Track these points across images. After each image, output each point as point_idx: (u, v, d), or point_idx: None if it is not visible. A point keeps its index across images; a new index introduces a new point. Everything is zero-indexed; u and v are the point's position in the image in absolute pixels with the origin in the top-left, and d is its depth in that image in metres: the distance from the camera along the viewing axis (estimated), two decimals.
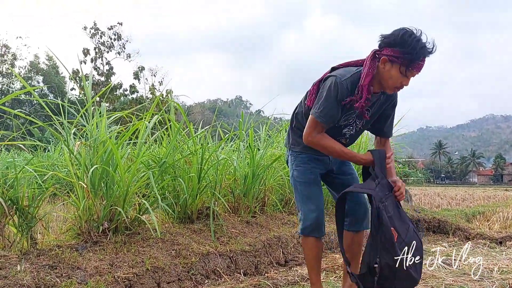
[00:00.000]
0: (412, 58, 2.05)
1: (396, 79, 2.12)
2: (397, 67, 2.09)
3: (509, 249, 4.56)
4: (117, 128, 3.28)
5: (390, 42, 2.10)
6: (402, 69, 2.09)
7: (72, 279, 2.30)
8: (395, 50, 2.07)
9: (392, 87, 2.18)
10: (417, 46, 2.04)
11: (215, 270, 3.13)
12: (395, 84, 2.14)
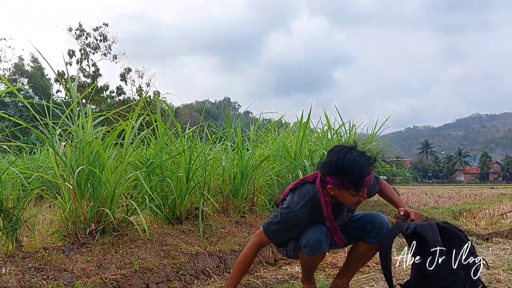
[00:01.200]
0: (356, 181, 2.07)
1: (350, 200, 2.15)
2: (345, 191, 2.12)
3: (496, 245, 4.61)
4: (103, 129, 3.24)
5: (329, 171, 2.13)
6: (351, 192, 2.11)
7: (58, 281, 2.27)
8: (337, 178, 2.10)
9: (353, 205, 2.24)
10: (355, 170, 2.05)
11: (204, 270, 3.11)
12: (352, 202, 2.19)
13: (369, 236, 2.39)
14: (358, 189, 2.09)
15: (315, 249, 2.26)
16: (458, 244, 2.13)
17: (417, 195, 14.74)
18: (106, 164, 2.86)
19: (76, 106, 3.06)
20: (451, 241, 2.15)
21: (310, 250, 2.27)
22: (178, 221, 3.72)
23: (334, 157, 2.11)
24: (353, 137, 6.52)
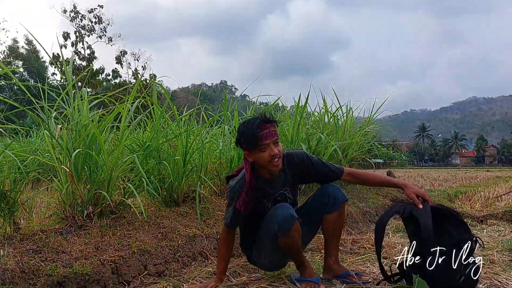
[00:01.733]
0: (254, 138, 2.29)
1: (263, 157, 2.33)
2: (254, 151, 2.34)
3: (490, 227, 4.66)
4: (99, 112, 3.22)
5: (237, 141, 2.43)
6: (257, 149, 2.32)
7: (57, 263, 2.28)
8: (242, 144, 2.37)
9: (269, 163, 2.35)
10: (248, 127, 2.33)
11: (202, 252, 3.14)
12: (267, 159, 2.33)
13: (329, 206, 2.50)
14: (257, 143, 2.29)
15: (286, 223, 2.26)
16: (455, 224, 2.18)
17: (413, 178, 14.83)
18: (103, 147, 2.86)
19: (71, 89, 3.03)
20: (448, 222, 2.18)
21: (283, 229, 2.27)
22: (175, 204, 3.74)
23: (239, 126, 2.43)
24: (350, 120, 6.52)
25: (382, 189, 6.46)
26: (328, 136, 5.79)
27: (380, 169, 16.15)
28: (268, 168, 2.38)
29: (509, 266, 2.90)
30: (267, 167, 2.38)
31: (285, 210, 2.31)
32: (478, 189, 9.40)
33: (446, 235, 2.14)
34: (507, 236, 4.04)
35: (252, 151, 2.33)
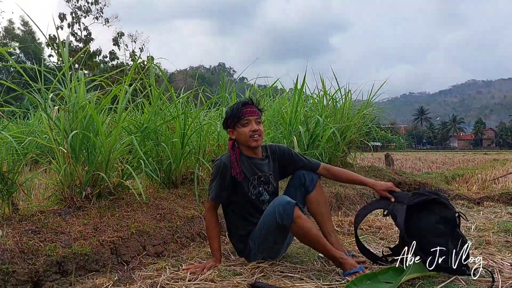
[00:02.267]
0: (235, 113, 2.56)
1: (244, 132, 2.55)
2: (237, 127, 2.57)
3: (486, 208, 4.70)
4: (96, 93, 3.20)
5: (224, 121, 2.65)
6: (239, 125, 2.56)
7: (56, 243, 2.29)
8: (228, 121, 2.61)
9: (249, 139, 2.55)
10: (233, 107, 2.61)
11: (200, 233, 3.16)
12: (247, 135, 2.54)
13: (307, 185, 2.62)
14: (240, 118, 2.54)
15: (288, 212, 2.27)
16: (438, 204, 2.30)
17: (411, 161, 14.88)
18: (100, 128, 2.85)
19: (68, 70, 3.01)
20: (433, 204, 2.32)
21: (286, 216, 2.27)
22: (173, 186, 3.75)
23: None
24: (349, 102, 6.50)
25: (380, 172, 6.49)
26: (327, 118, 5.79)
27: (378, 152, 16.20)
28: (249, 143, 2.56)
29: (504, 247, 2.93)
30: (247, 143, 2.57)
31: (281, 199, 2.34)
32: (475, 171, 9.45)
33: (432, 215, 2.26)
34: (503, 217, 4.07)
35: (235, 126, 2.57)
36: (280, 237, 2.46)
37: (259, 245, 2.49)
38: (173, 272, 2.37)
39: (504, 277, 2.19)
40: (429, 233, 2.22)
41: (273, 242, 2.46)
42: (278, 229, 2.37)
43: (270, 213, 2.37)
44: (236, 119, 2.56)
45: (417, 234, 2.24)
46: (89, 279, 2.26)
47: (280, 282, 2.17)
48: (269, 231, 2.41)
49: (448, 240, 2.16)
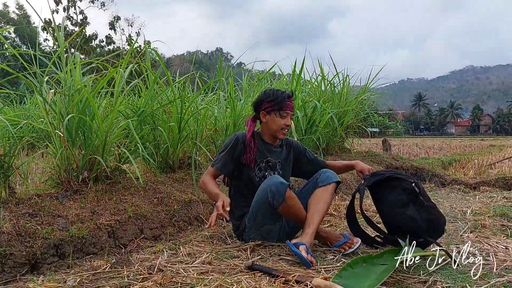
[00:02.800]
0: (279, 101, 2.60)
1: (278, 122, 2.62)
2: (273, 113, 2.62)
3: (482, 193, 4.73)
4: (92, 76, 3.17)
5: (260, 101, 2.66)
6: (277, 113, 2.62)
7: (53, 226, 2.30)
8: (266, 103, 2.63)
9: (279, 130, 2.64)
10: (278, 93, 2.63)
11: (197, 217, 3.17)
12: (280, 126, 2.63)
13: (319, 182, 2.61)
14: (282, 108, 2.59)
15: (280, 192, 2.35)
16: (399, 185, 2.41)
17: (408, 146, 14.91)
18: (96, 112, 2.83)
19: (63, 53, 2.97)
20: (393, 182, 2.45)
21: (278, 195, 2.35)
22: (171, 170, 3.75)
23: (263, 91, 2.70)
24: (347, 87, 6.48)
25: (377, 157, 6.50)
26: (325, 103, 5.77)
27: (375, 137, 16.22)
28: (276, 135, 2.66)
29: (499, 231, 2.95)
30: (275, 133, 2.66)
31: (275, 179, 2.40)
32: (472, 157, 9.49)
33: (394, 190, 2.41)
34: (499, 202, 4.10)
35: (272, 113, 2.62)
36: (269, 216, 2.49)
37: (252, 222, 2.55)
38: (170, 254, 2.39)
39: (499, 259, 2.21)
40: (395, 206, 2.35)
41: (261, 219, 2.51)
42: (268, 207, 2.43)
43: (262, 190, 2.45)
44: (276, 107, 2.60)
45: (387, 211, 2.44)
46: (87, 261, 2.27)
47: (277, 265, 2.19)
48: (259, 208, 2.48)
49: (411, 205, 2.28)
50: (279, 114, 2.61)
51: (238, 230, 2.70)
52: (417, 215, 2.26)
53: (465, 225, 3.10)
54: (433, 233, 2.31)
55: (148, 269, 2.10)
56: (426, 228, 2.25)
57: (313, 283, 1.83)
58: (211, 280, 1.92)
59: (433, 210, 2.32)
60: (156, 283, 1.89)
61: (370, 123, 7.82)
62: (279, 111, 2.61)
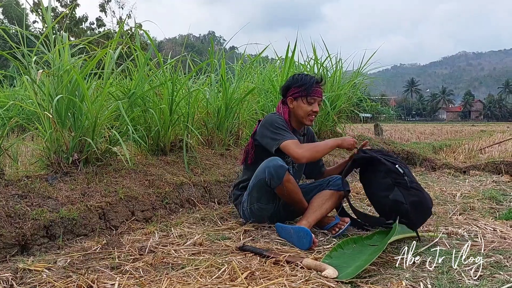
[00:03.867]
0: (307, 87, 2.56)
1: (305, 108, 2.59)
2: (301, 99, 2.59)
3: (472, 177, 4.78)
4: (81, 57, 3.12)
5: (288, 86, 2.65)
6: (304, 100, 2.58)
7: (43, 208, 2.28)
8: (293, 89, 2.61)
9: (306, 117, 2.62)
10: (306, 78, 2.60)
11: (189, 199, 3.17)
12: (307, 112, 2.60)
13: (330, 185, 2.59)
14: (309, 95, 2.56)
15: (279, 175, 2.35)
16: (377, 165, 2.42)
17: (400, 131, 14.98)
18: (86, 93, 2.79)
19: (51, 33, 2.92)
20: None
21: (277, 177, 2.35)
22: (162, 153, 3.73)
23: (291, 76, 2.69)
24: (339, 71, 6.45)
25: (369, 141, 6.51)
26: None
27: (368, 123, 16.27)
28: (302, 121, 2.64)
29: (488, 213, 2.99)
30: (301, 119, 2.63)
31: (275, 161, 2.39)
32: (462, 142, 9.56)
33: (378, 174, 2.39)
34: (488, 185, 4.15)
35: (299, 99, 2.59)
36: (264, 194, 2.49)
37: (247, 195, 2.57)
38: (162, 236, 2.39)
39: (487, 241, 2.24)
40: (381, 190, 2.35)
41: (256, 195, 2.51)
42: (263, 186, 2.44)
43: (262, 168, 2.43)
44: (304, 93, 2.57)
45: (374, 195, 2.47)
46: (77, 243, 2.27)
47: (268, 246, 2.20)
48: (255, 183, 2.48)
49: (396, 188, 2.29)
50: (306, 100, 2.58)
51: (236, 200, 2.73)
52: (402, 198, 2.25)
53: (454, 208, 3.13)
54: (420, 214, 2.32)
55: (139, 250, 2.10)
56: (412, 210, 2.26)
57: (303, 263, 1.85)
58: (202, 261, 1.93)
59: (418, 192, 2.31)
60: (147, 264, 1.90)
61: (362, 108, 7.83)
62: (306, 97, 2.57)
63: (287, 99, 2.65)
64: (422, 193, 2.33)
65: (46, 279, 1.68)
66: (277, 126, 2.52)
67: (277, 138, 2.47)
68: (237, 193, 2.74)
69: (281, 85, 2.82)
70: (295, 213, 2.69)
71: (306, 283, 1.63)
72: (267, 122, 2.56)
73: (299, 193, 2.49)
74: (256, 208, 2.56)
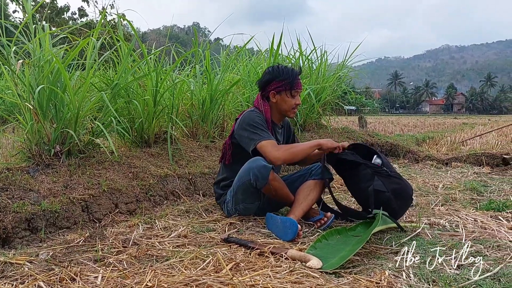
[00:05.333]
0: (290, 80, 2.53)
1: (290, 102, 2.57)
2: (285, 93, 2.55)
3: (454, 169, 4.85)
4: (63, 47, 3.06)
5: (269, 80, 2.57)
6: (288, 93, 2.55)
7: (24, 200, 2.24)
8: (276, 82, 2.55)
9: (290, 110, 2.61)
10: (288, 71, 2.55)
11: (174, 192, 3.15)
12: (291, 106, 2.58)
13: (312, 174, 2.60)
14: (292, 88, 2.53)
15: (264, 175, 2.34)
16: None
17: (384, 124, 15.13)
18: (68, 83, 2.74)
19: (31, 22, 2.85)
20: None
21: (262, 178, 2.34)
22: (146, 145, 3.69)
23: (271, 68, 2.60)
24: (324, 63, 6.47)
25: (353, 134, 6.56)
26: (302, 79, 5.75)
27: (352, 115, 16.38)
28: (287, 114, 2.64)
29: (469, 203, 3.05)
30: (286, 113, 2.63)
31: (258, 161, 2.37)
32: (444, 134, 9.70)
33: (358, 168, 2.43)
34: (470, 177, 4.22)
35: (283, 92, 2.55)
36: (249, 195, 2.50)
37: (232, 196, 2.56)
38: (146, 228, 2.38)
39: (468, 231, 2.28)
40: (361, 182, 2.39)
41: (241, 196, 2.51)
42: (248, 187, 2.43)
43: (245, 170, 2.41)
44: (288, 86, 2.53)
45: (356, 188, 2.52)
46: (60, 235, 2.24)
47: (253, 238, 2.20)
48: (240, 185, 2.47)
49: (376, 177, 2.32)
50: (290, 94, 2.55)
51: (219, 199, 2.73)
52: (383, 187, 2.29)
53: (436, 199, 3.18)
54: (401, 202, 2.35)
55: (123, 243, 2.08)
56: (394, 198, 2.29)
57: (288, 254, 1.86)
58: (187, 253, 1.92)
59: (398, 180, 2.35)
60: (131, 256, 1.88)
61: (347, 100, 7.87)
62: (290, 91, 2.54)
63: (268, 93, 2.59)
64: (403, 181, 2.37)
65: (28, 272, 1.66)
66: (254, 126, 2.48)
67: (254, 138, 2.45)
68: (220, 192, 2.72)
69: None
70: (280, 205, 2.71)
71: (290, 273, 1.64)
72: (244, 121, 2.52)
73: (284, 188, 2.50)
74: (242, 208, 2.56)
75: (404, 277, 1.64)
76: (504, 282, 1.55)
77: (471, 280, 1.58)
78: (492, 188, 3.57)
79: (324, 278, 1.63)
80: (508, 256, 1.83)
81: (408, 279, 1.63)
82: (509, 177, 4.16)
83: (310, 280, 1.58)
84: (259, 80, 2.66)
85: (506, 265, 1.72)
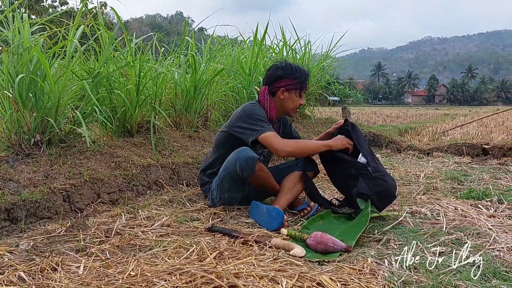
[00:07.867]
0: (302, 80, 2.53)
1: (296, 102, 2.56)
2: (294, 92, 2.54)
3: (435, 159, 4.93)
4: (43, 34, 2.99)
5: (280, 76, 2.52)
6: (297, 93, 2.55)
7: (4, 190, 2.20)
8: (287, 80, 2.51)
9: (294, 109, 2.60)
10: (301, 71, 2.54)
11: (157, 181, 3.13)
12: (295, 106, 2.58)
13: (299, 166, 2.62)
14: (302, 88, 2.54)
15: (250, 166, 2.34)
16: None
17: (367, 114, 15.25)
18: (48, 72, 2.68)
19: (9, 10, 2.77)
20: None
21: (248, 169, 2.34)
22: (129, 134, 3.65)
23: (283, 64, 2.56)
24: (308, 53, 6.47)
25: None
26: None
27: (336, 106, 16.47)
28: (289, 112, 2.62)
29: (450, 192, 3.10)
30: (289, 111, 2.61)
31: (245, 152, 2.36)
32: (426, 125, 9.82)
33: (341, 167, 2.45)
34: (450, 166, 4.29)
35: (293, 91, 2.53)
36: (234, 185, 2.50)
37: (217, 185, 2.55)
38: (129, 218, 2.36)
39: (448, 219, 2.32)
40: (346, 178, 2.41)
41: (226, 186, 2.51)
42: (234, 177, 2.43)
43: (232, 160, 2.40)
44: (299, 86, 2.52)
45: (340, 183, 2.57)
46: (41, 226, 2.21)
47: (237, 227, 2.21)
48: (226, 175, 2.46)
49: (360, 178, 2.32)
50: (299, 94, 2.55)
51: (204, 187, 2.72)
52: (367, 190, 2.27)
53: (418, 188, 3.22)
54: (385, 201, 2.36)
55: (105, 232, 2.06)
56: (377, 200, 2.29)
57: (271, 243, 1.86)
58: (170, 242, 1.92)
59: (383, 182, 2.32)
60: (114, 246, 1.87)
61: (331, 91, 7.89)
62: (300, 91, 2.54)
63: (277, 89, 2.53)
64: (386, 181, 2.34)
65: (8, 262, 1.63)
66: (257, 118, 2.45)
67: (256, 129, 2.41)
68: (205, 180, 2.71)
69: (250, 67, 2.76)
70: (265, 195, 2.71)
71: (274, 261, 1.65)
72: (246, 114, 2.48)
73: (271, 179, 2.52)
74: (227, 197, 2.56)
75: (386, 264, 1.67)
76: (483, 269, 1.59)
77: (452, 267, 1.61)
78: (472, 177, 3.64)
79: (307, 266, 1.64)
80: (488, 243, 1.87)
81: (390, 266, 1.65)
82: (489, 167, 4.24)
83: (294, 268, 1.59)
84: (268, 73, 2.59)
85: (485, 252, 1.76)
